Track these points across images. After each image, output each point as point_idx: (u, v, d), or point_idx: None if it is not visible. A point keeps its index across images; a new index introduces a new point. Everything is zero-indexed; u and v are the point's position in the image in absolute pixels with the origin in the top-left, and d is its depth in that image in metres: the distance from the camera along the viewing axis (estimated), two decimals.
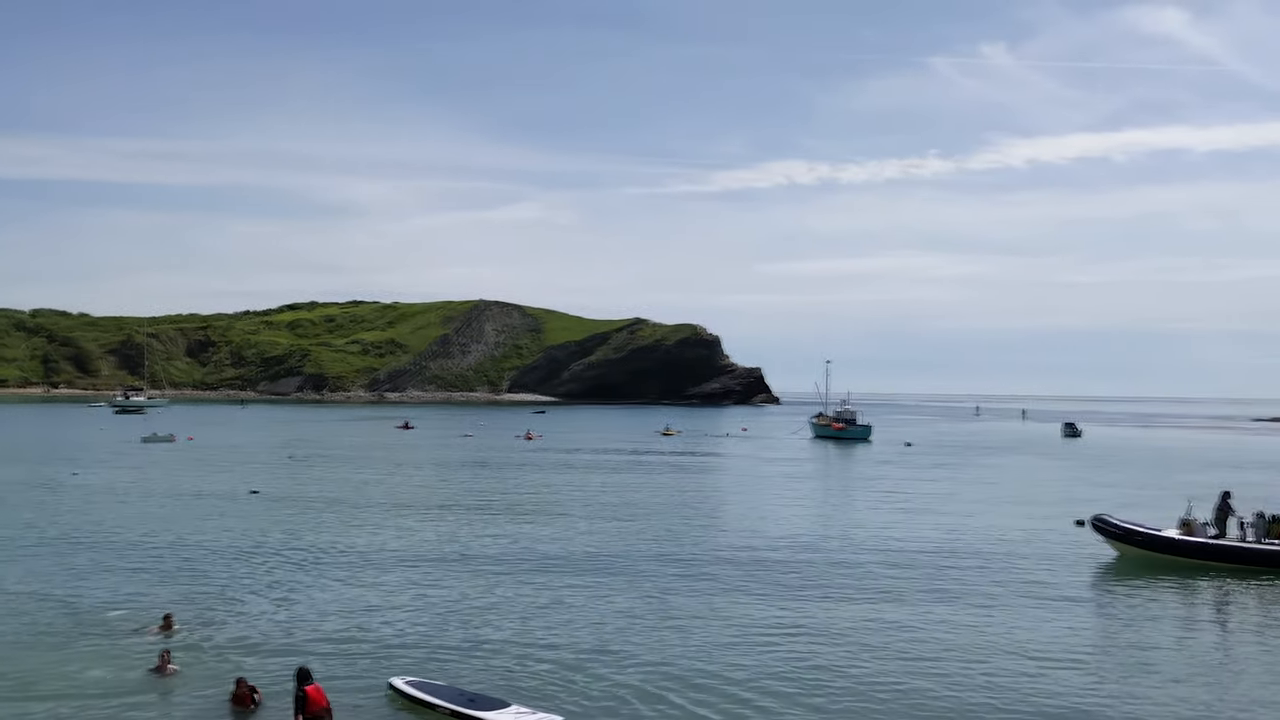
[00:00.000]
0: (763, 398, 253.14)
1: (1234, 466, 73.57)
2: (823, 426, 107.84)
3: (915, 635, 21.41)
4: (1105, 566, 30.51)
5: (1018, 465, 73.88)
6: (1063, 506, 44.86)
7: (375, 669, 18.48)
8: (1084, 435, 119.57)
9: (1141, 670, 19.20)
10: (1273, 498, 42.52)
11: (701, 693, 17.38)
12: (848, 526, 38.33)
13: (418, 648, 20.01)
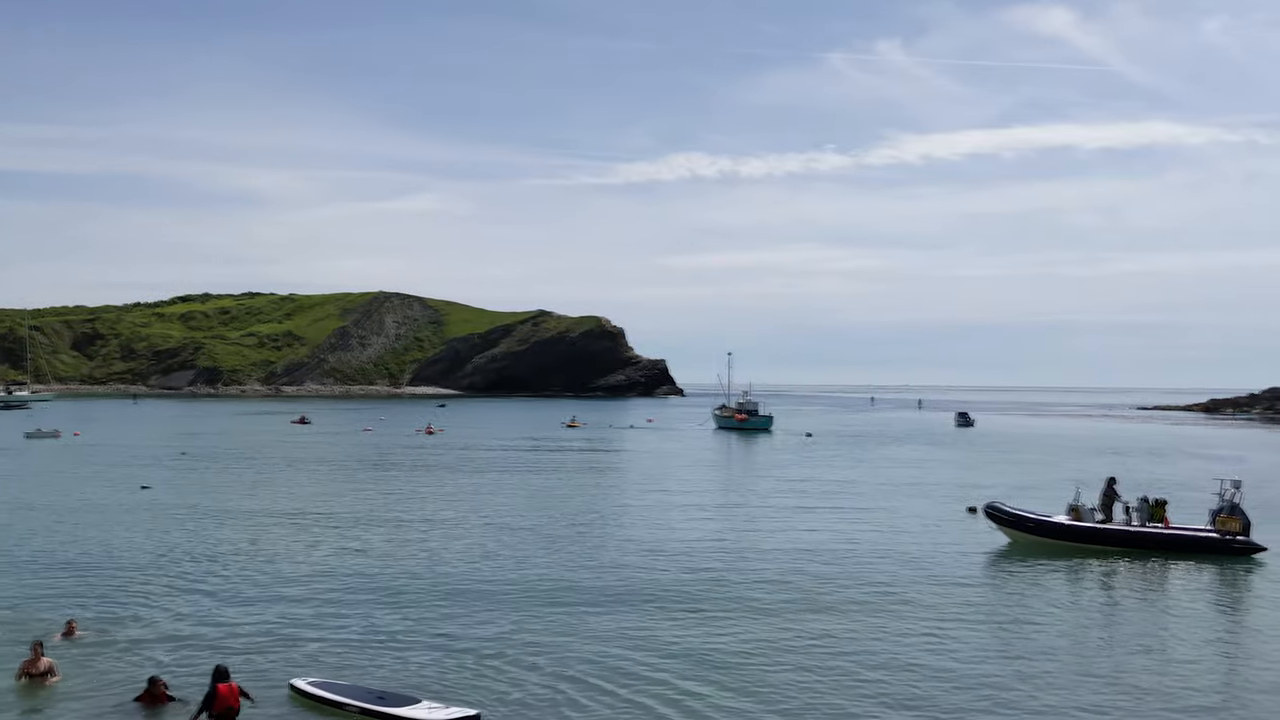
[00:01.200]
0: (667, 389, 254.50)
1: (1118, 453, 76.36)
2: (725, 418, 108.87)
3: (814, 622, 21.68)
4: (998, 553, 31.33)
5: (913, 454, 75.53)
6: (956, 494, 46.00)
7: (275, 670, 18.03)
8: (976, 424, 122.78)
9: (1034, 651, 19.74)
10: (1155, 482, 44.29)
11: (613, 683, 17.35)
12: (750, 516, 38.70)
13: (318, 647, 19.57)
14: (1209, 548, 30.16)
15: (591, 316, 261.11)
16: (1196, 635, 21.46)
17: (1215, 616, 23.64)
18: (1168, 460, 69.89)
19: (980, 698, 16.85)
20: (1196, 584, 26.95)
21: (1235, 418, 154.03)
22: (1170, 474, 57.35)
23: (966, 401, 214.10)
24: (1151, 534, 30.92)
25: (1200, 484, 44.50)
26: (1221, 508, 30.94)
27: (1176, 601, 24.94)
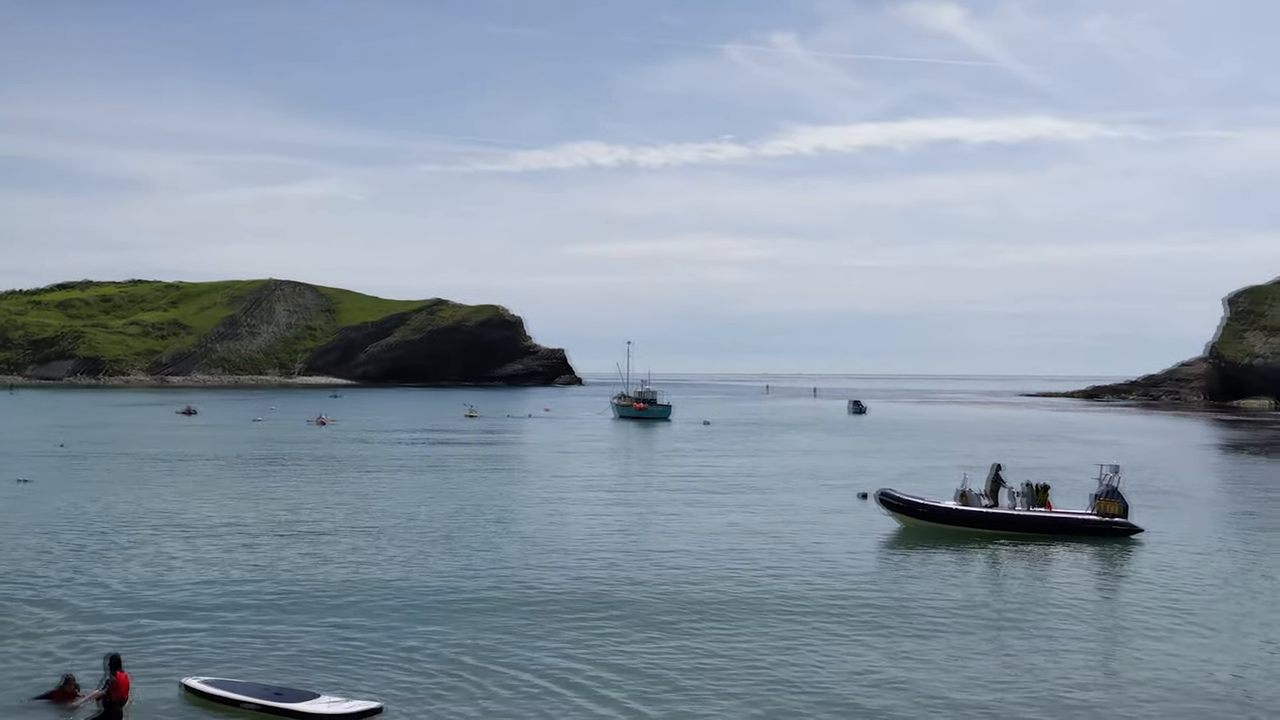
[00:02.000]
0: (566, 378, 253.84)
1: (1004, 439, 78.67)
2: (624, 406, 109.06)
3: (711, 609, 21.78)
4: (890, 538, 31.94)
5: (808, 441, 76.68)
6: (849, 480, 46.79)
7: (165, 668, 17.43)
8: (869, 412, 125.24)
9: (924, 631, 20.14)
10: (1039, 468, 45.69)
11: (512, 675, 17.15)
12: (648, 505, 38.78)
13: (210, 647, 18.95)
14: (1089, 530, 31.20)
15: (489, 305, 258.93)
16: (1077, 613, 22.16)
17: (1095, 595, 24.48)
18: (1051, 445, 72.23)
19: (872, 679, 17.10)
20: (1077, 564, 27.86)
21: (1114, 404, 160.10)
22: (1053, 459, 59.25)
23: (860, 389, 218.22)
24: (1035, 518, 31.86)
25: (1082, 469, 46.06)
26: (1101, 492, 32.04)
27: (1059, 581, 25.75)
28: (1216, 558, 28.86)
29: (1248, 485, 49.24)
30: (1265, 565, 27.68)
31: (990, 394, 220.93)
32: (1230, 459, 65.85)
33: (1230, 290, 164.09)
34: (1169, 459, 62.19)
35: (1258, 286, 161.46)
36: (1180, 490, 45.01)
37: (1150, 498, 39.80)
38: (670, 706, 15.83)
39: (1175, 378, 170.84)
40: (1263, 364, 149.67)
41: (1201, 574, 26.36)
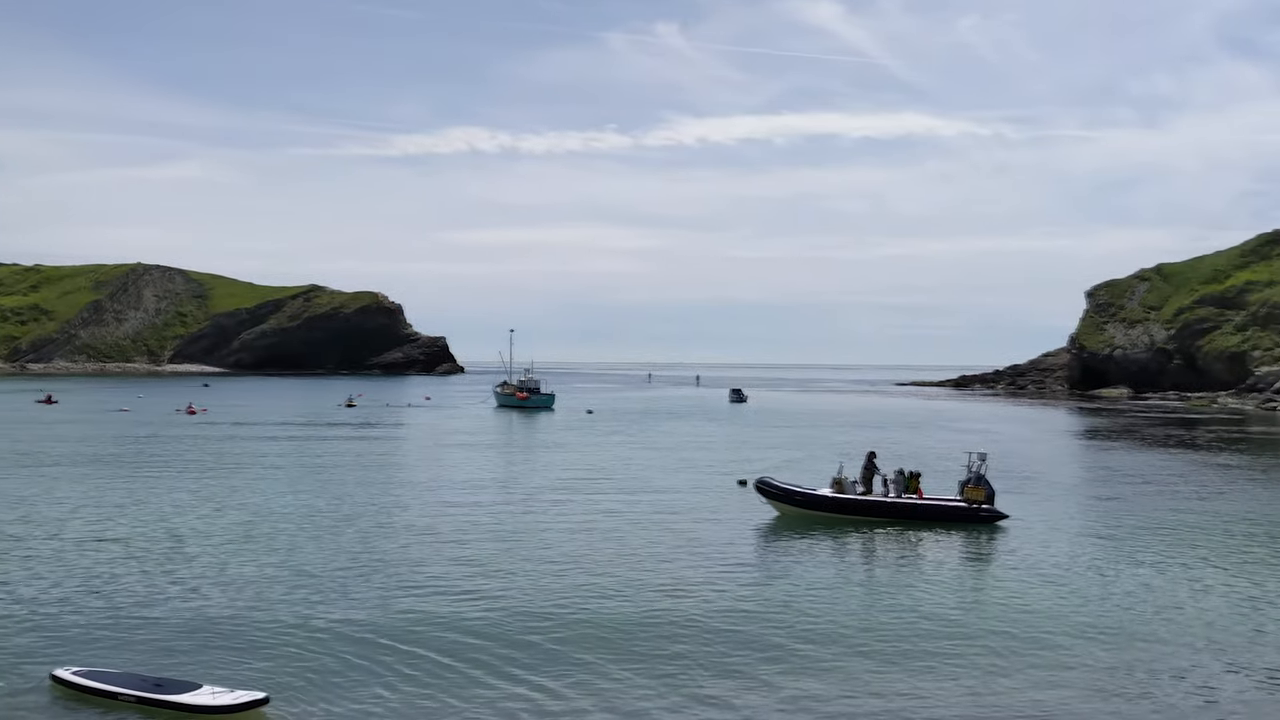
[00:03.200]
0: (447, 367, 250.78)
1: (880, 427, 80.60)
2: (507, 395, 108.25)
3: (589, 596, 21.73)
4: (767, 526, 32.38)
5: (689, 430, 77.34)
6: (729, 469, 47.32)
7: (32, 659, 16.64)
8: (750, 400, 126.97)
9: (800, 618, 20.44)
10: (912, 455, 46.88)
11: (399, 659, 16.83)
12: (529, 495, 38.54)
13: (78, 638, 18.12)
14: (958, 516, 32.14)
15: (368, 292, 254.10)
16: (947, 597, 22.80)
17: (963, 579, 25.25)
18: (924, 433, 74.28)
19: (746, 663, 17.27)
20: (946, 550, 28.68)
21: (982, 393, 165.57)
22: (926, 447, 60.92)
23: (741, 379, 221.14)
24: (907, 505, 32.69)
25: (952, 456, 47.39)
26: (969, 479, 33.02)
27: (929, 567, 26.48)
28: (1077, 542, 30.05)
29: (1107, 471, 51.45)
30: (1123, 549, 28.90)
31: (867, 383, 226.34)
32: (1090, 445, 68.74)
33: (1091, 283, 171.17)
34: (1033, 446, 64.57)
35: (1116, 280, 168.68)
36: (1043, 476, 46.74)
37: (1015, 484, 41.24)
38: (557, 683, 15.72)
39: (1040, 367, 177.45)
40: (1121, 354, 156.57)
41: (1062, 558, 27.39)
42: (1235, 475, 48.58)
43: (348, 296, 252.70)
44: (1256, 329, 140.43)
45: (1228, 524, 33.30)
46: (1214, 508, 37.20)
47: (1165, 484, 44.86)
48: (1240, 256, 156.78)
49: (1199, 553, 28.22)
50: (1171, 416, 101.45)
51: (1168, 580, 24.61)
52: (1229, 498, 40.29)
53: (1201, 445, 66.76)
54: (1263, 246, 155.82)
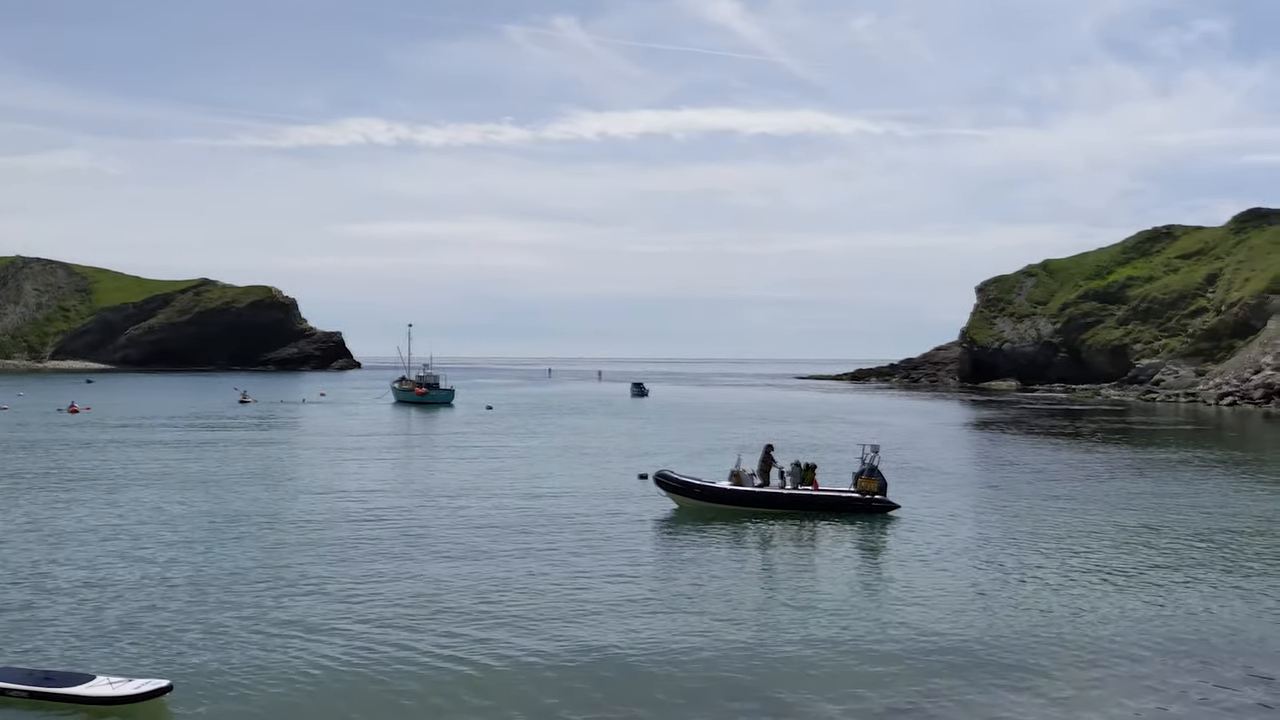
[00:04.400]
0: (343, 363, 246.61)
1: (779, 420, 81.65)
2: (405, 391, 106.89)
3: (487, 591, 21.53)
4: (666, 519, 32.52)
5: (590, 424, 77.33)
6: (629, 462, 47.41)
7: None
8: (651, 394, 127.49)
9: (698, 607, 20.55)
10: (808, 448, 47.56)
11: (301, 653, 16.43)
12: (427, 491, 38.07)
13: None
14: (852, 507, 32.70)
15: (261, 286, 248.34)
16: (840, 585, 23.18)
17: (856, 568, 25.71)
18: (820, 426, 75.49)
19: (647, 652, 17.29)
20: (840, 540, 29.16)
21: (877, 386, 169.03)
22: (822, 439, 61.92)
23: (643, 373, 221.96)
24: (803, 496, 33.14)
25: (847, 447, 48.24)
26: (862, 470, 33.61)
27: (823, 557, 26.92)
28: (965, 530, 30.84)
29: (995, 461, 52.94)
30: (1009, 535, 29.73)
31: (767, 377, 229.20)
32: (980, 437, 70.66)
33: (981, 279, 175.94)
34: (925, 438, 66.09)
35: (1005, 276, 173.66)
36: (935, 467, 47.86)
37: (907, 475, 42.12)
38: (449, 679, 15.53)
39: (932, 361, 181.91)
40: (1010, 348, 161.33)
41: (949, 546, 28.07)
42: (1116, 463, 50.39)
43: (240, 291, 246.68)
44: (1137, 323, 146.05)
45: (1109, 510, 34.49)
46: (1096, 494, 38.51)
47: (1050, 473, 46.32)
48: (1122, 253, 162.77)
49: (1080, 538, 29.16)
50: (1057, 408, 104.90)
51: (1049, 564, 25.37)
52: (1110, 485, 41.76)
53: (1085, 435, 69.14)
54: (1143, 243, 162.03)
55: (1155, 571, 24.80)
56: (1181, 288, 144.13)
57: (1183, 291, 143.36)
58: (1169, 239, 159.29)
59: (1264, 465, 49.29)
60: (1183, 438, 68.21)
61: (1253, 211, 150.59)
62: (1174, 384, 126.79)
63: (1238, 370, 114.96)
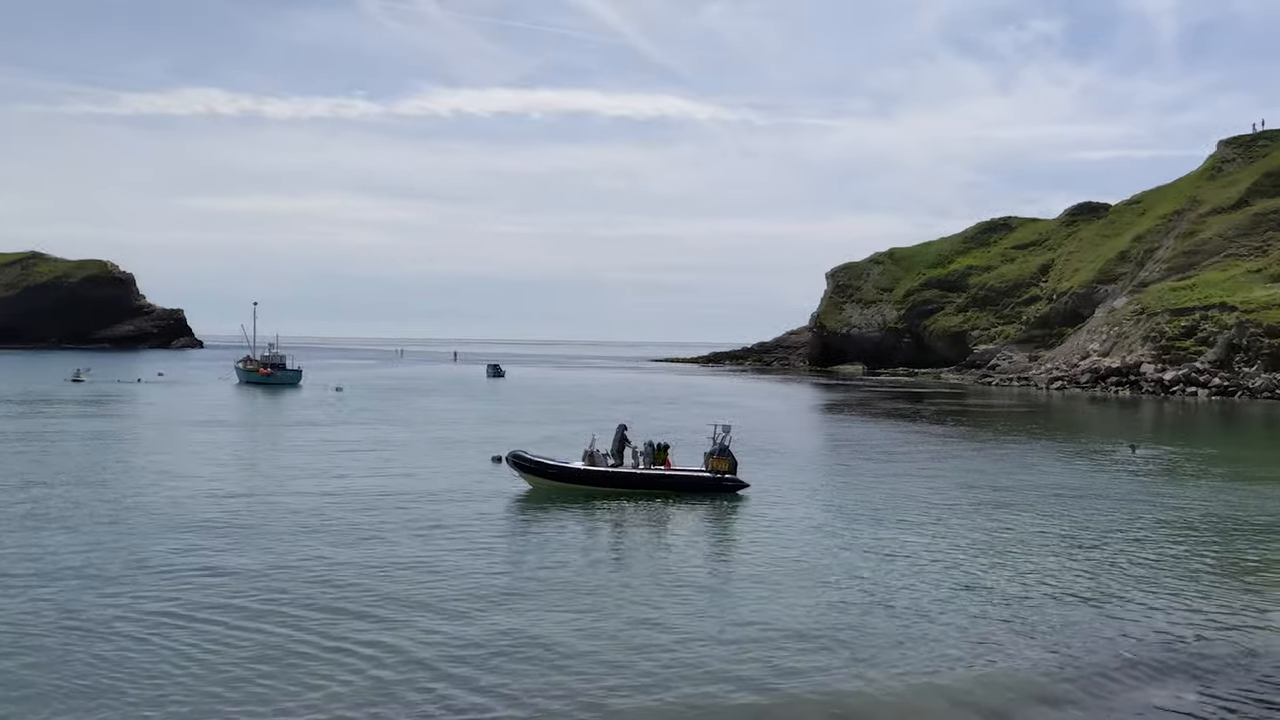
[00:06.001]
0: (184, 341, 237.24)
1: (634, 402, 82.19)
2: (250, 371, 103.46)
3: (337, 575, 21.08)
4: (520, 499, 32.42)
5: (444, 406, 76.40)
6: (484, 444, 47.03)
7: None
8: (508, 376, 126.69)
9: (552, 586, 20.56)
10: (662, 429, 48.00)
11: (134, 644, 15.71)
12: (274, 475, 37.01)
13: None
14: (703, 486, 33.21)
15: (95, 260, 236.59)
16: (692, 561, 23.57)
17: (708, 544, 26.16)
18: (675, 407, 76.33)
19: (501, 629, 17.22)
20: (692, 518, 29.60)
21: (732, 369, 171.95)
22: (676, 420, 62.61)
23: (499, 354, 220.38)
24: (656, 475, 33.50)
25: (699, 428, 48.90)
26: (714, 450, 34.16)
27: (674, 535, 27.27)
28: (810, 506, 31.71)
29: (841, 441, 54.56)
30: (851, 511, 30.69)
31: (623, 359, 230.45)
32: (827, 418, 72.69)
33: (831, 266, 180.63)
34: (776, 419, 67.61)
35: (854, 263, 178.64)
36: (784, 447, 49.02)
37: (757, 455, 43.02)
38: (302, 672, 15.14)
39: (784, 345, 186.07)
40: (858, 333, 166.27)
41: (795, 521, 28.83)
42: (954, 442, 52.55)
43: (72, 265, 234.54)
44: (975, 310, 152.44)
45: (946, 486, 35.94)
46: (934, 471, 40.09)
47: (893, 451, 47.99)
48: (962, 243, 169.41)
49: (918, 513, 30.32)
50: (900, 391, 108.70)
51: (888, 538, 26.30)
52: (948, 462, 43.54)
53: (926, 416, 71.86)
54: (981, 234, 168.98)
55: (989, 541, 25.97)
56: (1017, 277, 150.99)
57: (1018, 280, 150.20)
58: (1006, 230, 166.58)
59: (1087, 444, 52.16)
60: (1014, 419, 71.59)
61: (1083, 205, 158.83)
62: (1009, 368, 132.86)
63: (1067, 356, 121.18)
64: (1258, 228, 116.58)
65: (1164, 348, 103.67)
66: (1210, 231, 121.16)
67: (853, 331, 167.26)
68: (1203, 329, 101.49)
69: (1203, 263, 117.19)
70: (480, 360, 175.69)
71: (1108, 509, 31.73)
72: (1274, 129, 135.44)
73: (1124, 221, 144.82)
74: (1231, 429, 67.54)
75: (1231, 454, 49.22)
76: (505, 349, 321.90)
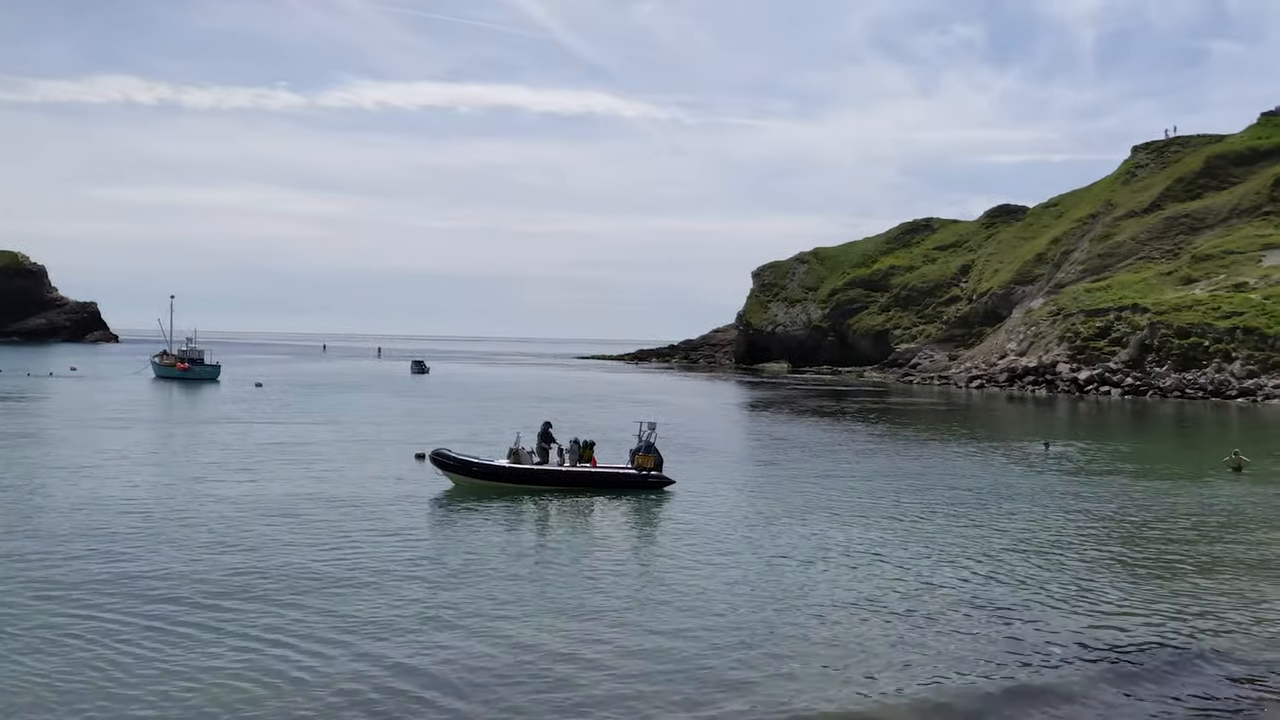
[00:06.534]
0: (98, 335, 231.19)
1: (561, 399, 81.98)
2: (166, 366, 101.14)
3: (252, 576, 20.66)
4: (442, 498, 32.10)
5: (367, 402, 75.44)
6: (407, 442, 46.51)
7: None
8: (432, 372, 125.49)
9: (474, 583, 20.38)
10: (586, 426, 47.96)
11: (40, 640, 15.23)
12: (187, 475, 36.17)
13: None
14: (629, 483, 33.24)
15: (5, 251, 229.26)
16: (618, 557, 23.55)
17: (634, 541, 26.17)
18: (601, 405, 76.29)
19: (424, 628, 17.01)
20: (617, 515, 29.59)
21: (658, 366, 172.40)
22: (603, 418, 62.57)
23: (423, 350, 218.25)
24: (581, 473, 33.44)
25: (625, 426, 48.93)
26: (639, 447, 34.20)
27: (601, 531, 27.26)
28: (735, 503, 31.89)
29: (766, 438, 55.00)
30: (775, 508, 30.92)
31: (549, 356, 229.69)
32: (752, 415, 73.24)
33: (757, 264, 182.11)
34: (701, 416, 67.94)
35: (779, 262, 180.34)
36: (709, 444, 49.26)
37: (683, 452, 43.18)
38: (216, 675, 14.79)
39: (710, 343, 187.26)
40: (783, 331, 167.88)
41: (721, 521, 28.95)
42: (875, 440, 53.26)
43: None
44: (897, 310, 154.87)
45: (866, 483, 36.40)
46: (856, 468, 40.59)
47: (816, 449, 48.50)
48: (885, 243, 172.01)
49: (839, 510, 30.66)
50: (824, 389, 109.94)
51: (812, 536, 26.54)
52: (870, 459, 44.11)
53: (848, 414, 72.77)
54: (904, 234, 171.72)
55: (907, 536, 26.34)
56: (938, 277, 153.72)
57: (939, 281, 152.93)
58: (928, 231, 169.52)
59: (1003, 442, 53.24)
60: (934, 417, 72.84)
61: (1001, 208, 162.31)
62: (929, 367, 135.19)
63: (985, 355, 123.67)
64: (1169, 231, 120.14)
65: (1079, 348, 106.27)
66: (1124, 235, 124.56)
67: (778, 330, 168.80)
68: (1116, 330, 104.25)
69: (1117, 265, 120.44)
70: (404, 356, 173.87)
71: (1023, 506, 32.40)
72: (1185, 135, 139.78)
73: (1041, 224, 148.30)
74: (1142, 427, 69.48)
75: (1140, 451, 50.62)
76: (430, 345, 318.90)
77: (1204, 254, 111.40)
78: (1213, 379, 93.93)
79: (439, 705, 14.37)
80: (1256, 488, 36.98)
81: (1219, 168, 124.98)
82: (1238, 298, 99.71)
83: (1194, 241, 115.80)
